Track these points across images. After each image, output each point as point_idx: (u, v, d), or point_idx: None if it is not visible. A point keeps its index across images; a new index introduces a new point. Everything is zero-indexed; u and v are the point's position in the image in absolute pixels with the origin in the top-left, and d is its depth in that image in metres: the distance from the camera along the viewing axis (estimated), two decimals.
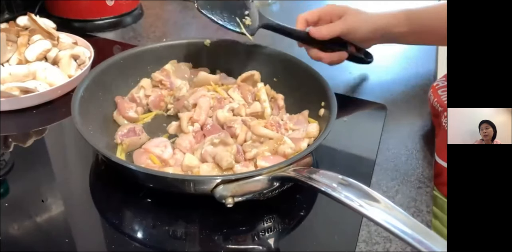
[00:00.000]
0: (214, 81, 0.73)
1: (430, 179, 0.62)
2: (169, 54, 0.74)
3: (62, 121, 0.71)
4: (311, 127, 0.62)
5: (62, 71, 0.75)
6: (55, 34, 0.82)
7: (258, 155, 0.58)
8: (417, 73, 0.88)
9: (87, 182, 0.59)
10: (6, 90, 0.68)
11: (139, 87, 0.71)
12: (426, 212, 0.56)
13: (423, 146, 0.68)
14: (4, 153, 0.64)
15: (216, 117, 0.64)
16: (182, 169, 0.57)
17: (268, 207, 0.54)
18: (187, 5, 1.17)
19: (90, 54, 0.81)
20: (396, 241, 0.51)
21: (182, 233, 0.52)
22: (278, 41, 0.79)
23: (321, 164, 0.62)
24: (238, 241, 0.51)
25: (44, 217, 0.54)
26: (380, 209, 0.39)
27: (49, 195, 0.57)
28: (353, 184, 0.43)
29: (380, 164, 0.64)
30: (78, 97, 0.59)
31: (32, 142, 0.66)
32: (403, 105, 0.77)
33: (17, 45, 0.77)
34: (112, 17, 1.00)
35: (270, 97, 0.71)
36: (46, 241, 0.51)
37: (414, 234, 0.36)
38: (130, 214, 0.55)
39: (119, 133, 0.61)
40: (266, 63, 0.73)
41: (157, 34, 1.00)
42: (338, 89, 0.68)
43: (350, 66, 0.83)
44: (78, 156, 0.66)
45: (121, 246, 0.50)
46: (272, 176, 0.49)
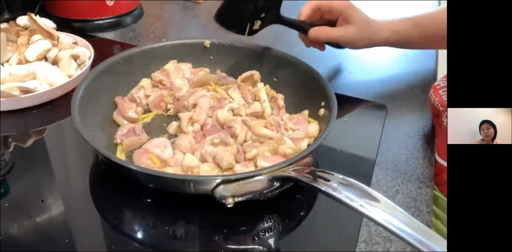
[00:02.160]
0: (214, 81, 0.73)
1: (430, 179, 0.62)
2: (169, 54, 0.75)
3: (62, 121, 0.71)
4: (311, 127, 0.62)
5: (62, 71, 0.75)
6: (55, 34, 0.82)
7: (258, 155, 0.58)
8: (417, 73, 0.88)
9: (87, 182, 0.59)
10: (6, 90, 0.68)
11: (139, 87, 0.71)
12: (426, 212, 0.56)
13: (423, 146, 0.68)
14: (4, 153, 0.63)
15: (216, 117, 0.64)
16: (182, 169, 0.57)
17: (268, 207, 0.54)
18: (187, 5, 1.17)
19: (90, 54, 0.81)
20: (396, 241, 0.51)
21: (182, 233, 0.52)
22: (278, 41, 0.79)
23: (321, 164, 0.62)
24: (238, 241, 0.51)
25: (44, 217, 0.54)
26: (381, 209, 0.39)
27: (49, 195, 0.57)
28: (354, 184, 0.43)
29: (380, 164, 0.64)
30: (78, 97, 0.59)
31: (32, 142, 0.66)
32: (403, 105, 0.77)
33: (17, 45, 0.77)
34: (112, 17, 1.00)
35: (270, 97, 0.71)
36: (46, 241, 0.51)
37: (414, 234, 0.36)
38: (130, 214, 0.55)
39: (119, 133, 0.61)
40: (266, 63, 0.73)
41: (157, 34, 1.00)
42: (338, 89, 0.68)
43: (350, 66, 0.83)
44: (78, 156, 0.66)
45: (121, 246, 0.50)
46: (272, 176, 0.49)
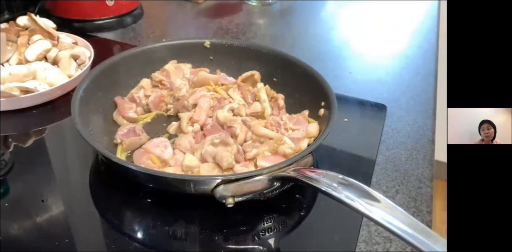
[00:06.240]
0: (214, 81, 0.73)
1: (430, 179, 0.62)
2: (169, 54, 0.74)
3: (62, 121, 0.71)
4: (311, 127, 0.62)
5: (62, 71, 0.75)
6: (55, 34, 0.82)
7: (258, 155, 0.58)
8: (417, 73, 0.88)
9: (87, 182, 0.59)
10: (6, 90, 0.68)
11: (139, 87, 0.71)
12: (426, 212, 0.56)
13: (423, 146, 0.68)
14: (4, 153, 0.63)
15: (216, 117, 0.64)
16: (182, 169, 0.57)
17: (268, 207, 0.54)
18: (187, 5, 1.17)
19: (90, 54, 0.81)
20: (396, 241, 0.51)
21: (182, 233, 0.52)
22: (278, 41, 0.79)
23: (321, 164, 0.62)
24: (238, 241, 0.51)
25: (44, 217, 0.54)
26: (381, 209, 0.39)
27: (49, 195, 0.57)
28: (354, 184, 0.43)
29: (380, 164, 0.64)
30: (78, 97, 0.59)
31: (32, 142, 0.66)
32: (403, 105, 0.77)
33: (17, 45, 0.77)
34: (112, 17, 1.00)
35: (270, 97, 0.71)
36: (46, 241, 0.51)
37: (415, 233, 0.36)
38: (130, 214, 0.55)
39: (119, 133, 0.61)
40: (266, 63, 0.73)
41: (157, 34, 1.00)
42: (338, 89, 0.68)
43: (350, 66, 0.83)
44: (78, 156, 0.65)
45: (121, 246, 0.50)
46: (272, 176, 0.49)
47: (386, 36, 1.05)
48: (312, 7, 1.20)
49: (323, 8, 1.22)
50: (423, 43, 1.00)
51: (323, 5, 1.23)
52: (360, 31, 1.07)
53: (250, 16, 1.13)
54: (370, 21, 1.13)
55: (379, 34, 1.05)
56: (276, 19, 1.17)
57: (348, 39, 1.04)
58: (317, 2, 1.23)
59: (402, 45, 1.00)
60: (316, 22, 1.14)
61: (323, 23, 1.14)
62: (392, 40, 1.03)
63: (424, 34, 1.06)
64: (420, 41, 1.02)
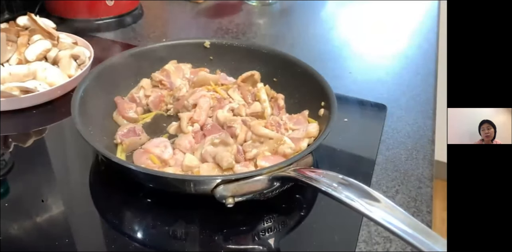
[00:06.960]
0: (214, 81, 0.73)
1: (430, 179, 0.62)
2: (169, 54, 0.74)
3: (62, 121, 0.71)
4: (311, 127, 0.62)
5: (62, 71, 0.75)
6: (55, 34, 0.82)
7: (258, 155, 0.58)
8: (417, 73, 0.88)
9: (87, 182, 0.59)
10: (6, 90, 0.68)
11: (139, 87, 0.71)
12: (426, 212, 0.56)
13: (423, 146, 0.68)
14: (4, 153, 0.63)
15: (216, 117, 0.64)
16: (182, 169, 0.57)
17: (268, 207, 0.54)
18: (187, 5, 1.17)
19: (90, 54, 0.81)
20: (396, 241, 0.51)
21: (182, 233, 0.52)
22: (278, 41, 0.79)
23: (321, 164, 0.62)
24: (238, 241, 0.51)
25: (44, 217, 0.54)
26: (381, 209, 0.39)
27: (49, 195, 0.57)
28: (354, 184, 0.43)
29: (380, 164, 0.64)
30: (78, 97, 0.59)
31: (32, 142, 0.66)
32: (403, 105, 0.77)
33: (17, 45, 0.77)
34: (112, 17, 1.00)
35: (270, 97, 0.71)
36: (46, 241, 0.51)
37: (415, 233, 0.36)
38: (130, 214, 0.55)
39: (119, 133, 0.61)
40: (266, 63, 0.73)
41: (157, 34, 1.00)
42: (338, 89, 0.68)
43: (350, 66, 0.83)
44: (78, 156, 0.65)
45: (121, 246, 0.50)
46: (272, 176, 0.49)
47: (386, 36, 1.05)
48: (312, 7, 1.20)
49: (323, 8, 1.22)
50: (423, 43, 1.00)
51: (323, 5, 1.23)
52: (360, 31, 1.07)
53: (250, 16, 1.13)
54: (370, 21, 1.13)
55: (379, 34, 1.05)
56: (276, 19, 1.17)
57: (348, 39, 1.04)
58: (317, 2, 1.23)
59: (402, 45, 1.00)
60: (316, 22, 1.14)
61: (323, 23, 1.14)
62: (392, 40, 1.03)
63: (424, 34, 1.06)
64: (420, 41, 1.02)
